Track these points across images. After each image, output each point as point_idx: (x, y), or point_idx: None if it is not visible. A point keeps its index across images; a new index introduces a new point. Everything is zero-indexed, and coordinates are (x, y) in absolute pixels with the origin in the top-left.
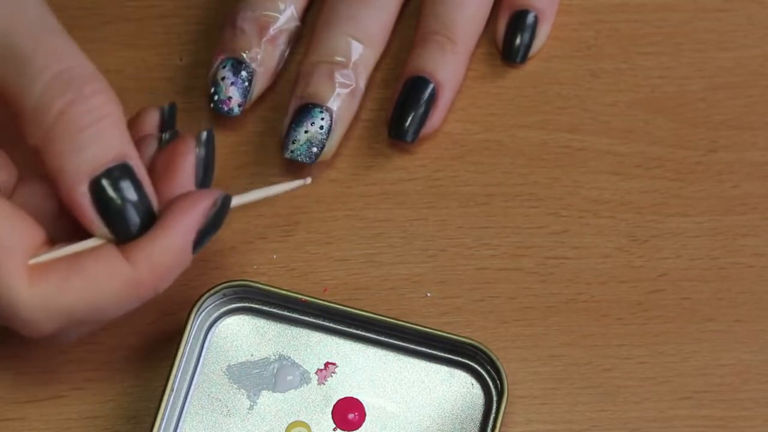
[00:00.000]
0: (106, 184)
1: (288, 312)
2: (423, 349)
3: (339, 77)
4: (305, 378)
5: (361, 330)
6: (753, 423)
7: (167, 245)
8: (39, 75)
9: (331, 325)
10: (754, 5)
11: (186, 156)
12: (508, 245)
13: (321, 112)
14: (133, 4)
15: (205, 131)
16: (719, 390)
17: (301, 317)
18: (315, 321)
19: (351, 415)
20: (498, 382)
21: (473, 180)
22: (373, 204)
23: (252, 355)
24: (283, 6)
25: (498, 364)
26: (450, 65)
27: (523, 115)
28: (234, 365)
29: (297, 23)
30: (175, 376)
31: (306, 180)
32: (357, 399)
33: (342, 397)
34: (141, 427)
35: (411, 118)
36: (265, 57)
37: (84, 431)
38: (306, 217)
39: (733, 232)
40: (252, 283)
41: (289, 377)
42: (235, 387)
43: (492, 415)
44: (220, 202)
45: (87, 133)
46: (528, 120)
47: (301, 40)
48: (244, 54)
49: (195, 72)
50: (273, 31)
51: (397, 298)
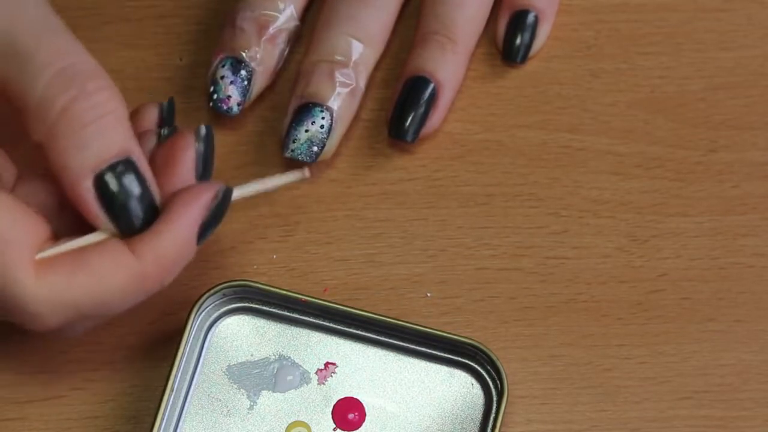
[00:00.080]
0: (110, 179)
1: (288, 312)
2: (423, 349)
3: (339, 76)
4: (305, 378)
5: (361, 330)
6: (753, 423)
7: (172, 238)
8: (42, 71)
9: (331, 325)
10: (754, 5)
11: (186, 150)
12: (508, 245)
13: (321, 111)
14: (133, 4)
15: (204, 126)
16: (719, 390)
17: (301, 317)
18: (315, 321)
19: (351, 415)
20: (498, 382)
21: (473, 180)
22: (373, 204)
23: (252, 355)
24: (283, 5)
25: (498, 364)
26: (450, 65)
27: (523, 115)
28: (234, 365)
29: (296, 22)
30: (175, 376)
31: (304, 171)
32: (357, 399)
33: (342, 397)
34: (141, 427)
35: (411, 117)
36: (265, 56)
37: (84, 431)
38: (306, 217)
39: (733, 232)
40: (252, 283)
41: (289, 377)
42: (235, 387)
43: (492, 415)
44: (221, 194)
45: (90, 129)
46: (528, 120)
47: (301, 39)
48: (243, 53)
49: (195, 72)
50: (272, 31)
51: (397, 298)
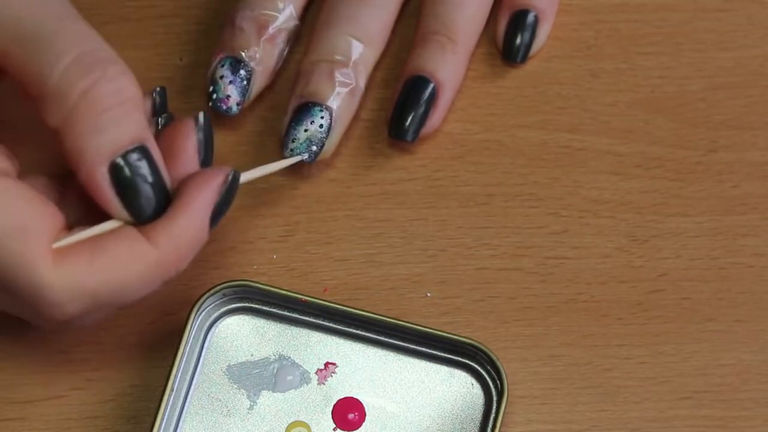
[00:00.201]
0: (125, 166)
1: (288, 312)
2: (423, 349)
3: (339, 76)
4: (305, 378)
5: (361, 330)
6: (753, 423)
7: (187, 223)
8: (62, 55)
9: (331, 325)
10: (754, 5)
11: (188, 138)
12: (508, 245)
13: (321, 110)
14: (133, 4)
15: (201, 113)
16: (719, 390)
17: (301, 317)
18: (315, 321)
19: (351, 415)
20: (498, 382)
21: (473, 180)
22: (373, 204)
23: (252, 355)
24: (282, 5)
25: (498, 364)
26: (450, 65)
27: (523, 115)
28: (234, 365)
29: (296, 22)
30: (175, 376)
31: (303, 155)
32: (357, 399)
33: (342, 397)
34: (141, 427)
35: (411, 117)
36: (264, 56)
37: (84, 431)
38: (306, 217)
39: (733, 232)
40: (252, 283)
41: (289, 377)
42: (235, 387)
43: (492, 415)
44: (230, 177)
45: (110, 114)
46: (528, 120)
47: (300, 39)
48: (242, 53)
49: (195, 72)
50: (272, 30)
51: (397, 298)
